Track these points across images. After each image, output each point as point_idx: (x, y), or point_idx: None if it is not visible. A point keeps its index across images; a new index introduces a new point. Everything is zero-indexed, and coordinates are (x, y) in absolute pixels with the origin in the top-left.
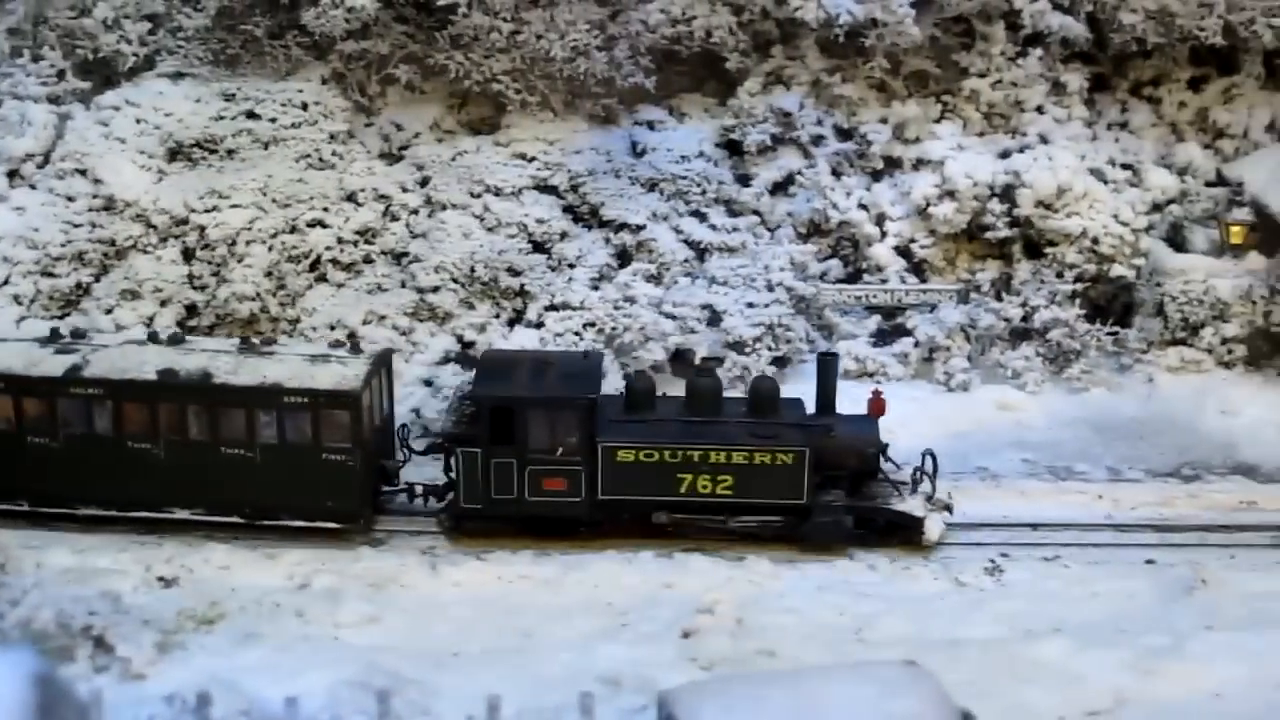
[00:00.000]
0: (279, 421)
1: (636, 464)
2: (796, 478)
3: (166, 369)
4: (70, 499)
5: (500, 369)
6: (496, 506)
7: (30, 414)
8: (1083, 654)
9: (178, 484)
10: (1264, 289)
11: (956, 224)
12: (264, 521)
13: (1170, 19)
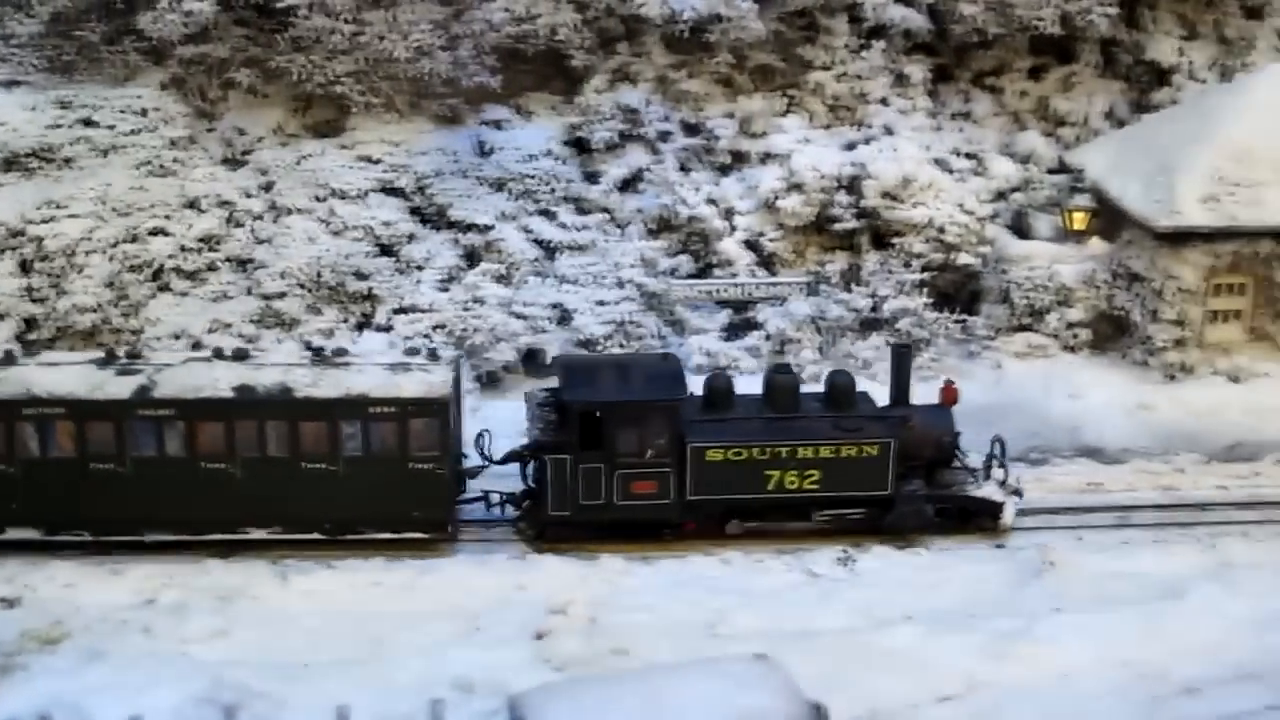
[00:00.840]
0: (364, 432)
1: (725, 463)
2: (881, 469)
3: (242, 385)
4: (138, 526)
5: (583, 374)
6: (585, 512)
7: (94, 439)
8: (934, 640)
9: (255, 503)
10: (1106, 273)
11: (804, 217)
12: (345, 536)
13: (1009, 9)
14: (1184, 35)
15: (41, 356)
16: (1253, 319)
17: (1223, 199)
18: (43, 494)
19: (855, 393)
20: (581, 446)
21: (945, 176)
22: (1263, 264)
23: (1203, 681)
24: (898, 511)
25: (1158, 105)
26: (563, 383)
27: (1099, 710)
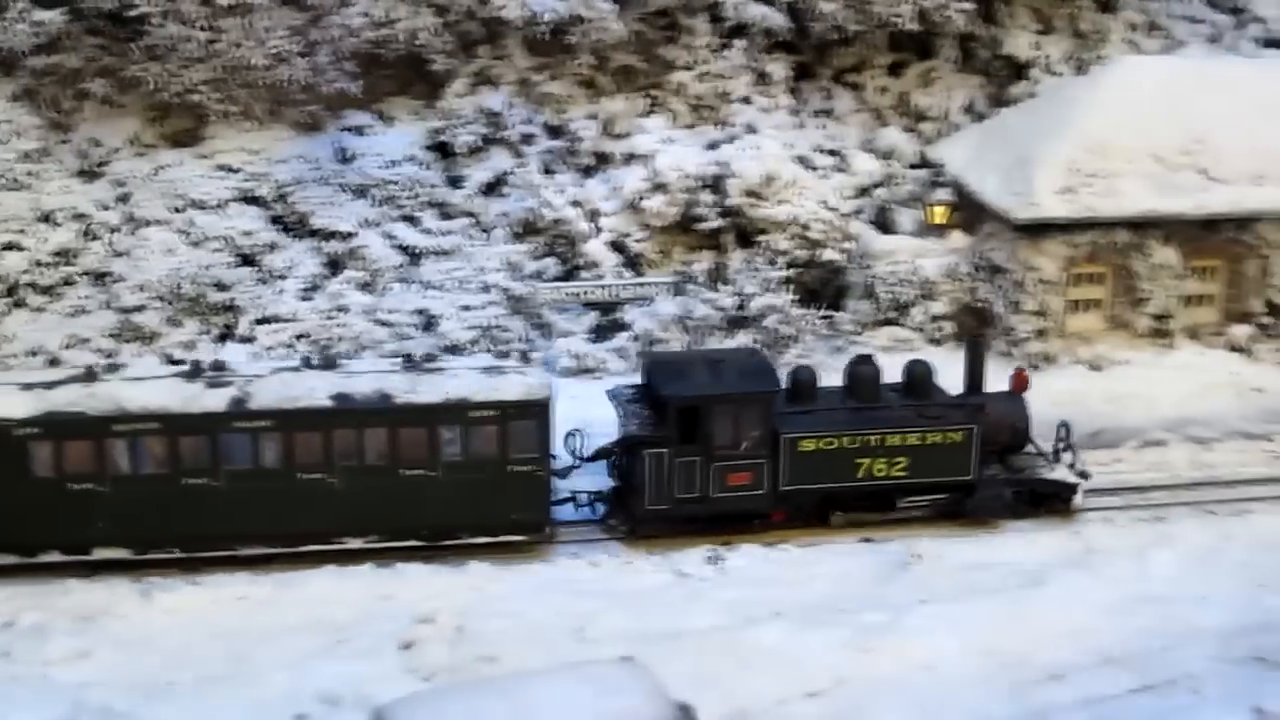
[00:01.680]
0: (464, 437)
1: (817, 453)
2: (965, 455)
3: (340, 394)
4: (232, 541)
5: (676, 369)
6: (682, 506)
7: (188, 454)
8: (802, 636)
9: (352, 513)
10: (968, 266)
11: (668, 216)
12: (443, 542)
13: (867, 7)
14: (1039, 29)
15: (123, 371)
16: (1111, 308)
17: (1079, 190)
18: (133, 512)
19: (933, 381)
20: (679, 440)
21: (808, 174)
22: (1119, 253)
23: (1067, 667)
24: (979, 496)
25: (1015, 99)
26: (653, 378)
27: (965, 700)
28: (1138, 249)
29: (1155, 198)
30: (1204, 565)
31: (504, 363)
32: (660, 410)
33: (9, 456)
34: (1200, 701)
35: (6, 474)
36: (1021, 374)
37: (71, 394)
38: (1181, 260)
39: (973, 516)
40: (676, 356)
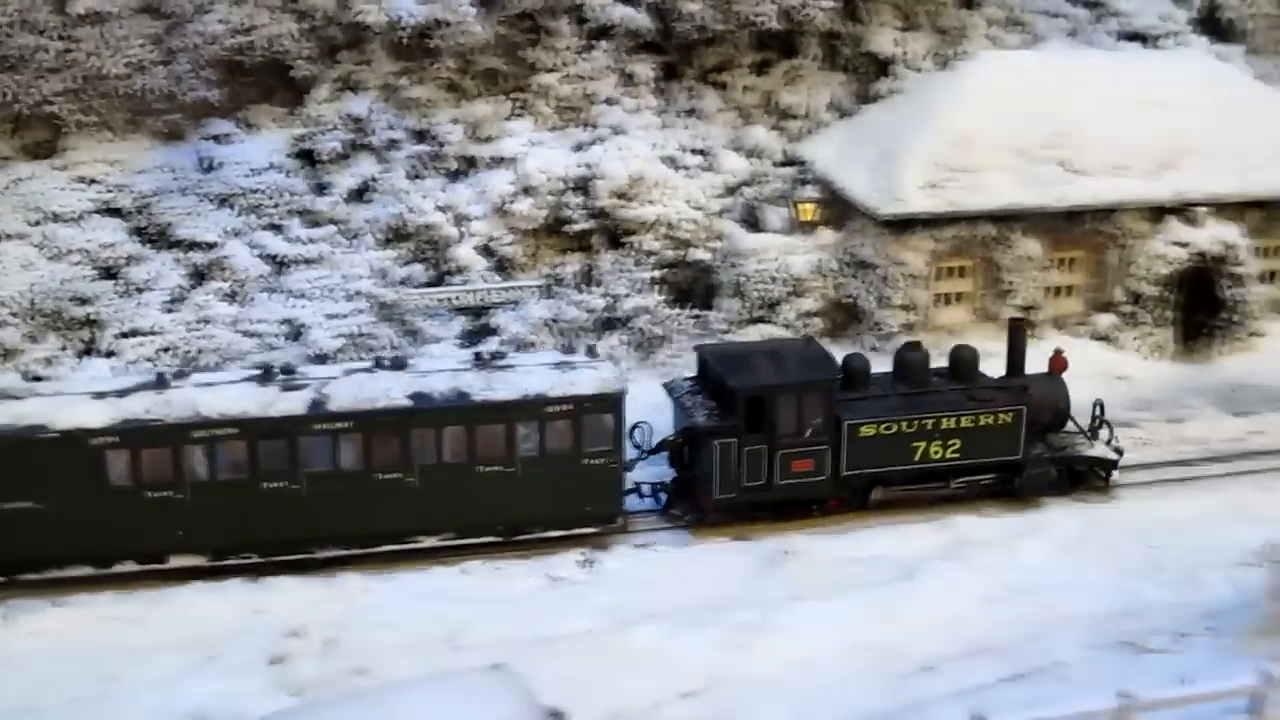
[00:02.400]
0: (540, 432)
1: (876, 437)
2: (1014, 435)
3: (417, 393)
4: (310, 544)
5: (739, 361)
6: (748, 493)
7: (267, 458)
8: (676, 637)
9: (430, 512)
10: (835, 263)
11: (536, 219)
12: (519, 537)
13: (731, 6)
14: (902, 26)
15: (194, 378)
16: (977, 300)
17: (944, 185)
18: (210, 518)
19: (977, 365)
20: (746, 430)
21: (675, 174)
22: (984, 246)
23: (940, 659)
24: (1027, 474)
25: (880, 95)
26: (715, 370)
27: (840, 695)
28: (1002, 242)
29: (1018, 191)
30: (1073, 553)
31: (572, 357)
32: (727, 401)
33: (85, 467)
34: (1069, 688)
35: (83, 484)
36: (1060, 356)
37: (145, 402)
38: (1045, 252)
39: (1021, 495)
40: (733, 348)
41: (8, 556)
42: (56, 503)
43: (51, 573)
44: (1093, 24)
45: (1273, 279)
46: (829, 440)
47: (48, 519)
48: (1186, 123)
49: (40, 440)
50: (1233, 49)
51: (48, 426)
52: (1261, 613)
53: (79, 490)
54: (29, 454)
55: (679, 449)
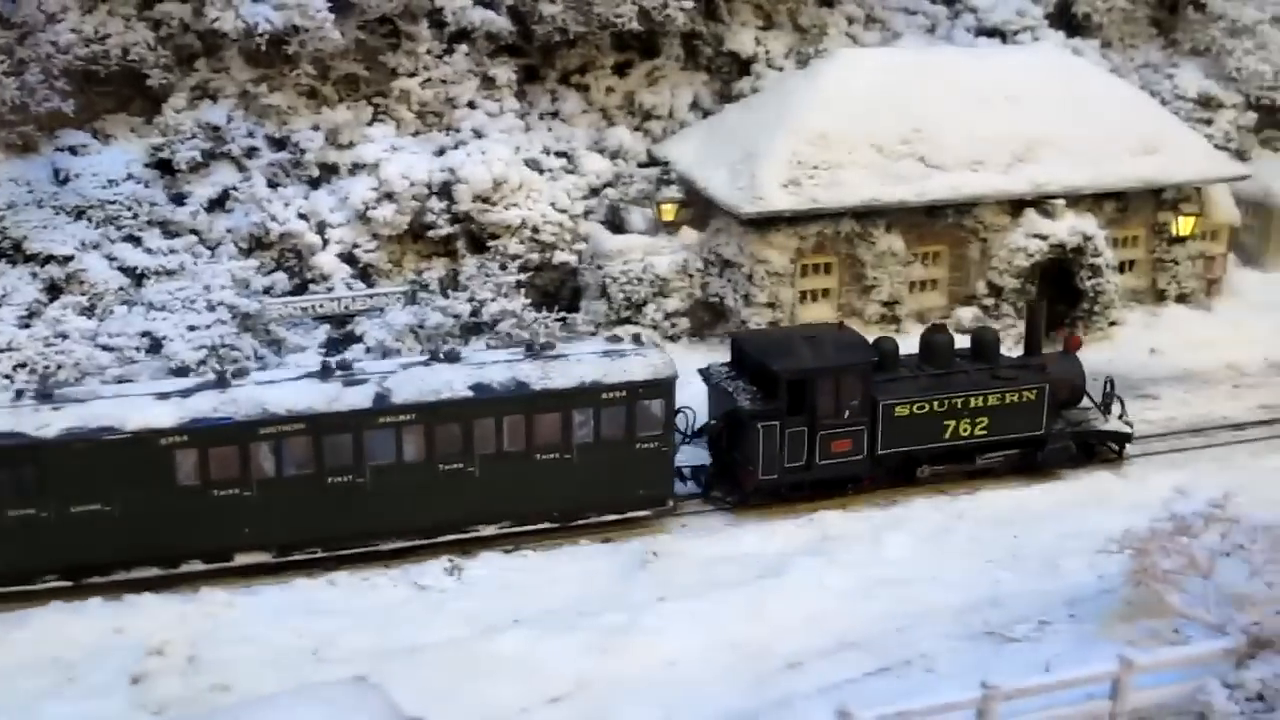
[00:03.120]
0: (595, 418)
1: (910, 417)
2: (1037, 412)
3: (478, 384)
4: (374, 537)
5: (779, 346)
6: (790, 474)
7: (333, 452)
8: (543, 642)
9: (490, 500)
10: (699, 262)
11: (398, 225)
12: (574, 523)
13: (589, 8)
14: (761, 25)
15: (254, 376)
16: (840, 296)
17: (803, 182)
18: (277, 515)
19: (999, 347)
20: (788, 412)
21: (537, 176)
22: (846, 242)
23: (806, 655)
24: (1049, 449)
25: (740, 95)
26: (755, 355)
27: (707, 694)
28: (864, 238)
29: (878, 187)
30: (936, 545)
31: (619, 345)
32: (769, 384)
33: (154, 467)
34: (934, 679)
35: (151, 485)
36: (1074, 336)
37: (211, 401)
38: (907, 247)
39: (1043, 468)
40: (769, 334)
41: (77, 560)
42: (125, 504)
43: (118, 575)
44: (950, 20)
45: (1131, 268)
46: (866, 420)
47: (117, 521)
48: (1042, 116)
49: (111, 442)
50: (1087, 43)
51: (118, 428)
52: (1121, 598)
53: (148, 491)
54: (100, 456)
55: (718, 433)
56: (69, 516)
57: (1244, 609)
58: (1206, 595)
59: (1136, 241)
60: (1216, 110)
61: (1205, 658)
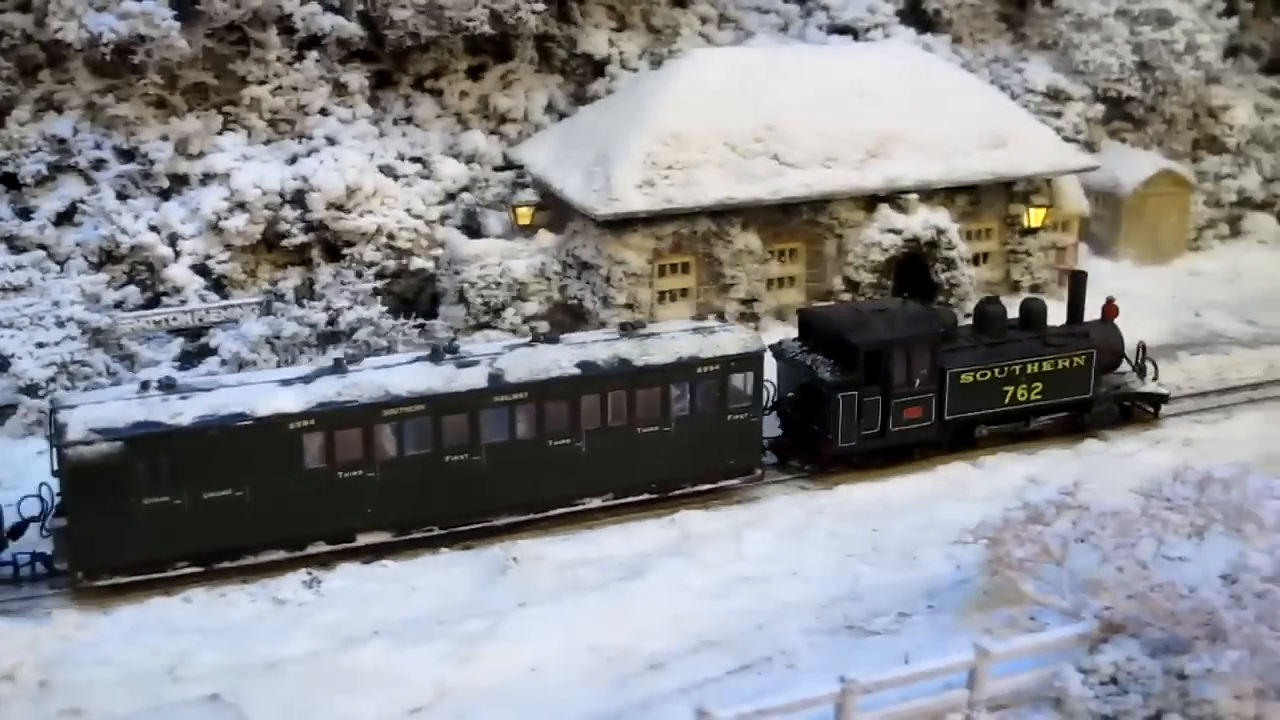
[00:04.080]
0: (691, 392)
1: (974, 384)
2: (1085, 376)
3: (584, 362)
4: (487, 513)
5: (852, 319)
6: (866, 441)
7: (450, 432)
8: (402, 652)
9: (595, 474)
10: (557, 265)
11: (251, 235)
12: (671, 493)
13: (440, 12)
14: (615, 27)
15: (369, 360)
16: (699, 295)
17: (658, 183)
18: (397, 494)
19: (1046, 316)
20: (865, 382)
21: (391, 183)
22: (702, 242)
23: (668, 655)
24: (1095, 411)
25: (595, 96)
26: (829, 329)
27: (569, 699)
28: (721, 237)
29: (732, 186)
30: (796, 541)
31: (707, 323)
32: (846, 356)
33: (283, 451)
34: (795, 675)
35: (280, 469)
36: (1112, 303)
37: (333, 385)
38: (764, 245)
39: (1091, 428)
40: (838, 309)
41: (209, 546)
42: (255, 489)
43: (247, 559)
44: (802, 19)
45: (984, 260)
46: (934, 388)
47: (247, 505)
48: (894, 112)
49: (242, 428)
50: (938, 39)
51: (248, 414)
52: (978, 588)
53: (276, 475)
54: (232, 442)
55: (794, 404)
56: (202, 503)
57: (1097, 594)
58: (1060, 582)
59: (989, 234)
60: (1065, 103)
61: (1059, 644)
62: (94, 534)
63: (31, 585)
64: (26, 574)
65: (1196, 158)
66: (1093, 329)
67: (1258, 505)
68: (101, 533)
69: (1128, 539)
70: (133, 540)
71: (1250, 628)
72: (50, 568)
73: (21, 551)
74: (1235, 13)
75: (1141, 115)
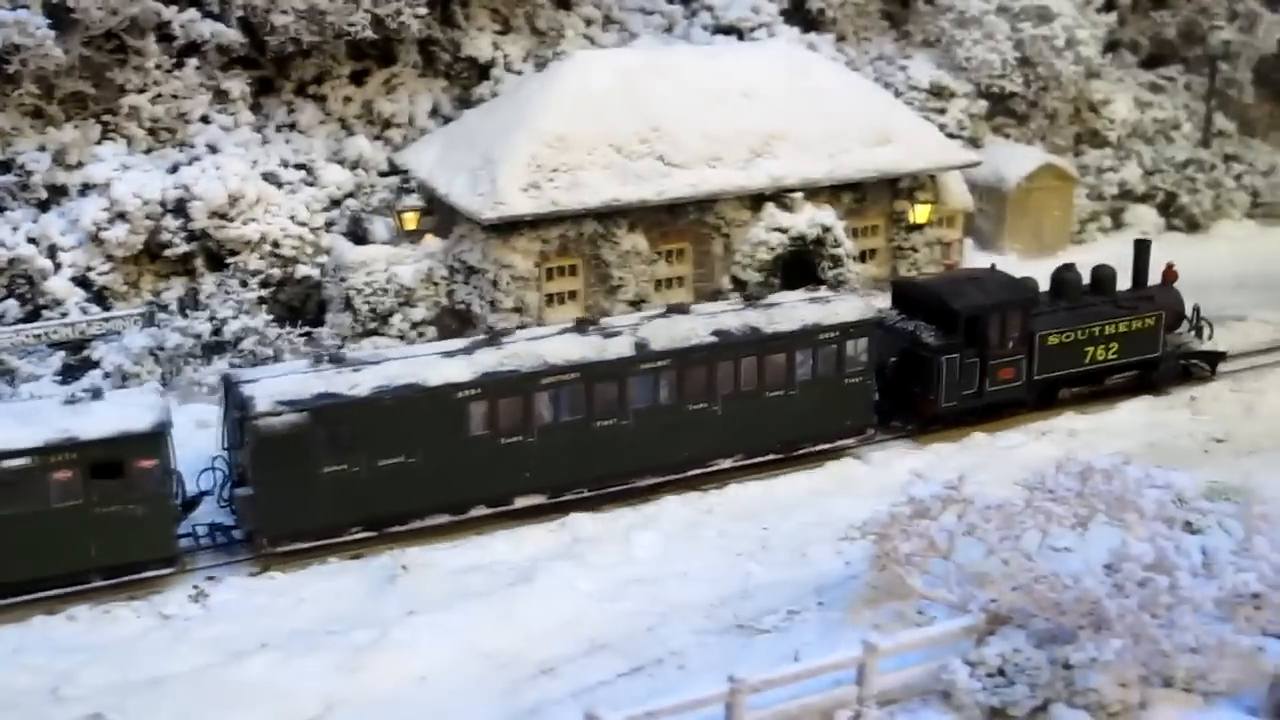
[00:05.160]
0: (814, 357)
1: (1059, 345)
2: (1155, 336)
3: (719, 330)
4: (632, 475)
5: (949, 287)
6: (965, 401)
7: (600, 399)
8: (290, 665)
9: (727, 436)
10: (443, 270)
11: (133, 246)
12: (793, 453)
13: (322, 17)
14: (499, 30)
15: (520, 333)
16: (587, 297)
17: (544, 185)
18: (553, 459)
19: (1116, 281)
20: (965, 345)
21: (276, 190)
22: (589, 244)
23: (558, 660)
24: (1163, 369)
25: (480, 100)
26: (927, 297)
27: (459, 706)
28: (607, 238)
29: (618, 187)
30: (686, 541)
31: (820, 292)
32: (947, 321)
33: (451, 419)
34: (686, 676)
35: (447, 436)
36: (1171, 268)
37: (494, 356)
38: (650, 246)
39: (1159, 385)
40: (931, 279)
41: (382, 512)
42: (424, 455)
43: (414, 524)
44: (687, 20)
45: (871, 257)
46: (1025, 350)
47: (417, 472)
48: (778, 111)
49: (415, 397)
50: (822, 38)
51: (420, 384)
52: (866, 583)
53: (444, 442)
54: (405, 411)
55: (894, 369)
56: (377, 470)
57: (983, 587)
58: (947, 575)
59: (875, 231)
60: (949, 99)
61: (946, 637)
62: (279, 501)
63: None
64: (207, 544)
65: (1078, 152)
66: (1156, 292)
67: (1138, 494)
68: (285, 500)
69: (1012, 531)
70: (314, 507)
71: (1133, 616)
72: (230, 537)
73: (200, 522)
74: (1114, 8)
75: (1024, 111)
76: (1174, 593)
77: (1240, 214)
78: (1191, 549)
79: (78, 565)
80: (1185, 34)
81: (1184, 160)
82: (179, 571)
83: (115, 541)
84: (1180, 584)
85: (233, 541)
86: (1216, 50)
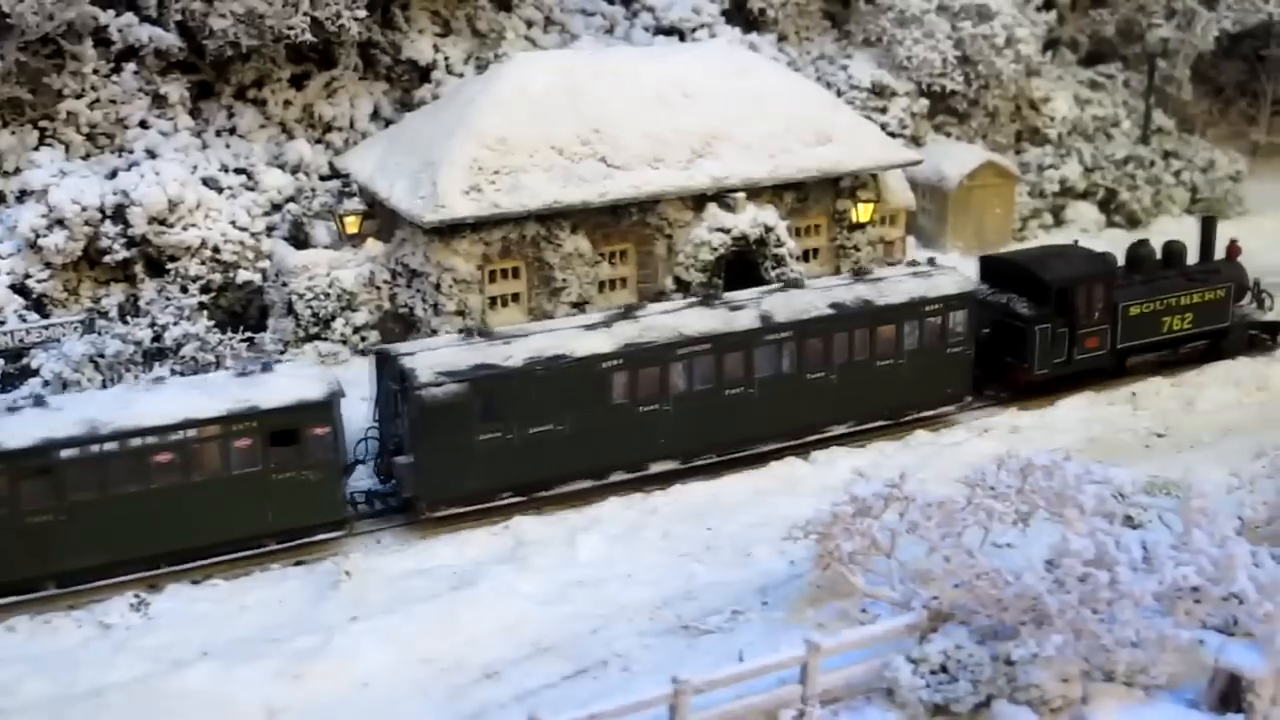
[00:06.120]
0: (920, 328)
1: (1140, 316)
2: (1224, 307)
3: (836, 302)
4: (757, 441)
5: (1037, 261)
6: (1055, 369)
7: (729, 368)
8: (231, 673)
9: (842, 403)
10: (386, 273)
11: (71, 252)
12: (900, 419)
13: (260, 20)
14: (439, 32)
15: (650, 307)
16: (530, 300)
17: (485, 188)
18: (685, 426)
19: (1186, 256)
20: (1055, 315)
21: (216, 195)
22: (532, 246)
23: (501, 664)
24: (1232, 338)
25: (421, 102)
26: (1017, 271)
27: (402, 712)
28: (550, 240)
29: (560, 189)
30: (630, 543)
31: (921, 267)
32: (1039, 292)
33: (595, 388)
34: (630, 678)
35: (590, 405)
36: (1235, 244)
37: (632, 328)
38: (593, 247)
39: (1227, 353)
40: (1018, 254)
41: (532, 477)
42: (570, 423)
43: (559, 489)
44: (628, 20)
45: (815, 256)
46: (1109, 320)
47: (563, 438)
48: (719, 112)
49: (564, 368)
50: (764, 38)
51: (568, 355)
52: (809, 583)
53: (589, 410)
54: (555, 381)
55: (986, 339)
56: (528, 437)
57: (926, 584)
58: (890, 574)
59: (818, 230)
60: (890, 98)
61: (889, 635)
62: (438, 468)
63: None
64: (365, 510)
65: (1019, 149)
66: (1222, 266)
67: (1078, 490)
68: (444, 467)
69: (954, 528)
70: (470, 473)
71: (1074, 611)
72: (386, 503)
73: (358, 490)
74: (1053, 6)
75: (964, 109)
76: (1114, 588)
77: (1180, 210)
78: (1132, 544)
79: (256, 530)
80: (1124, 32)
81: (1124, 157)
82: (347, 535)
83: (290, 506)
84: (1120, 579)
85: (389, 508)
86: (1155, 48)
